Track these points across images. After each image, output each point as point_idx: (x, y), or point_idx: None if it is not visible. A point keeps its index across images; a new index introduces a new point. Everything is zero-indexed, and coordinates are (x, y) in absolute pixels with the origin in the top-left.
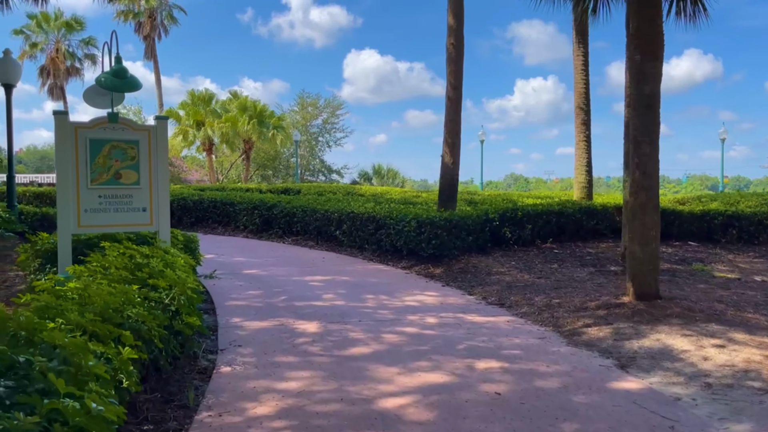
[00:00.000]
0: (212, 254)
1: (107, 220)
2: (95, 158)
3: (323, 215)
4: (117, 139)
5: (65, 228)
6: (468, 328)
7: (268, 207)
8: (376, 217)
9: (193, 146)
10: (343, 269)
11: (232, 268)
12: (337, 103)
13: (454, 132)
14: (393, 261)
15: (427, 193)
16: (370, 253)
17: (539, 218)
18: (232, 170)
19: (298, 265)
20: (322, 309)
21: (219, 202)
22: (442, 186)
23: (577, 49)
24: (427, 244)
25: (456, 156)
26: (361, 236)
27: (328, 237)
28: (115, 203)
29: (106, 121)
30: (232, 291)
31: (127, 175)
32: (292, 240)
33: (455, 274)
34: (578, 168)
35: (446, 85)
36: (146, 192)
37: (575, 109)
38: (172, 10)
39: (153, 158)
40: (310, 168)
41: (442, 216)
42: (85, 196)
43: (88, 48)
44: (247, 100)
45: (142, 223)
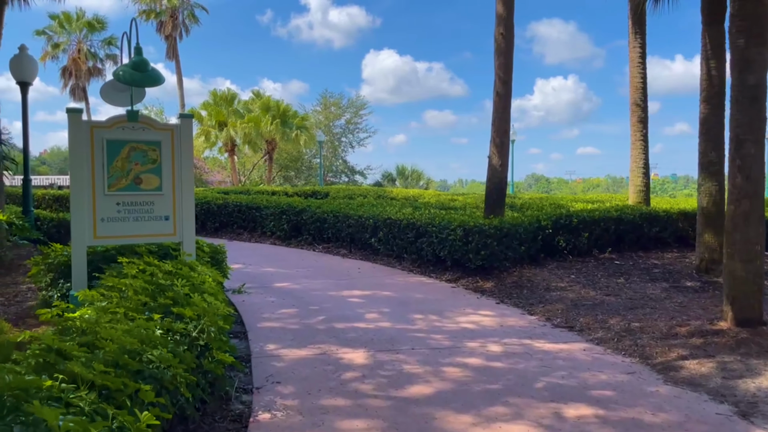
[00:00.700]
0: (239, 264)
1: (126, 231)
2: (113, 161)
3: (357, 221)
4: (137, 140)
5: (80, 240)
6: (540, 359)
7: (296, 212)
8: (416, 224)
9: (215, 147)
10: (383, 282)
11: (261, 281)
12: (360, 103)
13: (502, 131)
14: (436, 272)
15: (463, 197)
16: (410, 263)
17: (596, 225)
18: (254, 171)
19: (333, 276)
20: (367, 332)
21: (244, 206)
22: (489, 190)
23: (634, 40)
24: (476, 254)
25: (505, 157)
26: (399, 244)
27: (363, 245)
28: (135, 211)
29: (125, 120)
30: (263, 309)
31: (147, 180)
32: (323, 248)
33: (508, 288)
34: (634, 170)
35: (494, 79)
36: (169, 199)
37: (631, 106)
38: (194, 10)
39: (176, 161)
40: (333, 169)
41: (491, 224)
42: (101, 203)
43: (109, 48)
44: (270, 100)
45: (165, 233)
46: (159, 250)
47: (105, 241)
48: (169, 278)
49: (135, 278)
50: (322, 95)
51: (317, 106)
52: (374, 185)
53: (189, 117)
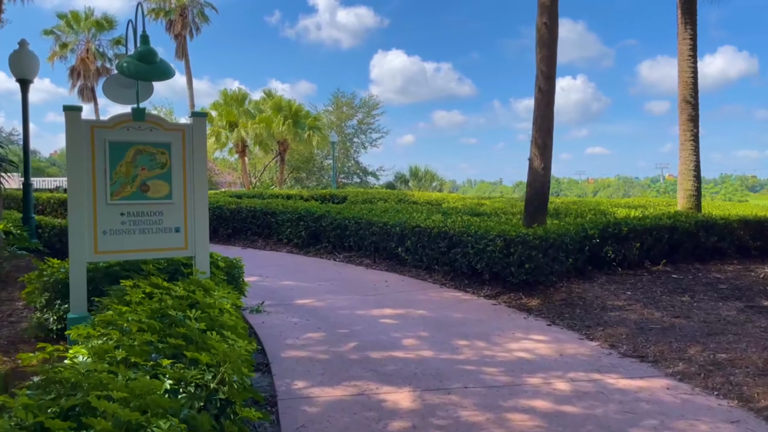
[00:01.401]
0: (255, 276)
1: (131, 245)
2: (116, 166)
3: (382, 229)
4: (144, 142)
5: (78, 255)
6: (619, 402)
7: (315, 218)
8: (448, 233)
9: (226, 148)
10: (415, 298)
11: (281, 297)
12: (372, 102)
13: (545, 130)
14: (472, 287)
15: (490, 201)
16: (441, 275)
17: (647, 234)
18: (265, 173)
19: (359, 291)
20: (408, 364)
21: (259, 211)
22: (529, 196)
23: (683, 31)
24: (518, 267)
25: (547, 160)
26: (430, 255)
27: (388, 254)
28: (142, 222)
29: (130, 119)
30: (286, 332)
31: (156, 187)
32: (344, 257)
33: (558, 307)
34: (684, 172)
35: (536, 74)
36: (180, 208)
37: (680, 103)
38: (204, 8)
39: (188, 165)
40: (345, 170)
41: (535, 233)
42: (103, 214)
43: (118, 47)
44: (281, 100)
45: (175, 246)
46: (169, 266)
47: (107, 256)
48: (180, 305)
49: (140, 305)
50: (334, 95)
51: (329, 106)
52: (387, 186)
53: (202, 116)
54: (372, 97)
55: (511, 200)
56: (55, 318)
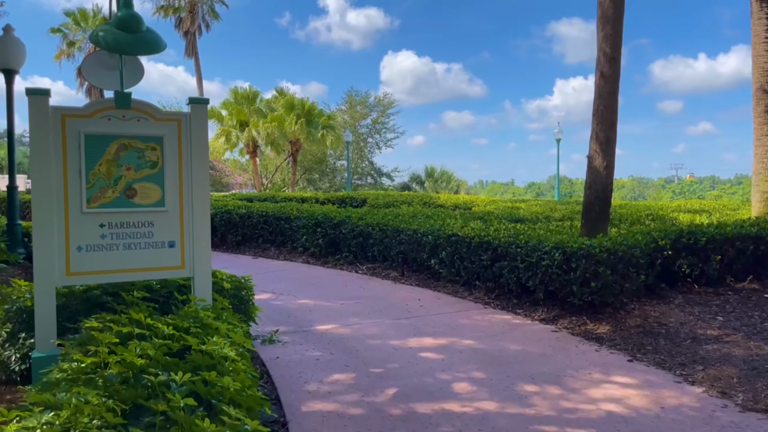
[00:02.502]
0: (268, 293)
1: (114, 263)
2: (95, 165)
3: (411, 237)
4: (129, 135)
5: (45, 279)
6: None
7: (334, 224)
8: (492, 244)
9: (236, 149)
10: (457, 323)
11: (298, 321)
12: (387, 101)
13: (608, 123)
14: (523, 308)
15: (526, 204)
16: (483, 292)
17: (729, 245)
18: (277, 174)
19: (389, 312)
20: (468, 424)
21: (271, 216)
22: (589, 200)
23: (759, 10)
24: (582, 286)
25: (611, 157)
26: (470, 269)
27: (419, 266)
28: (127, 236)
29: (113, 106)
30: (306, 373)
31: (144, 192)
32: (367, 268)
33: (635, 336)
34: (760, 172)
35: (597, 56)
36: (175, 217)
37: (755, 93)
38: (214, 4)
39: (185, 164)
40: (359, 171)
41: (601, 245)
42: (78, 225)
43: None
44: (294, 98)
45: (169, 265)
46: (162, 288)
47: (83, 279)
48: (168, 349)
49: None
50: (348, 93)
51: (342, 105)
52: (402, 188)
53: (202, 103)
54: (386, 95)
55: (549, 204)
56: (18, 356)
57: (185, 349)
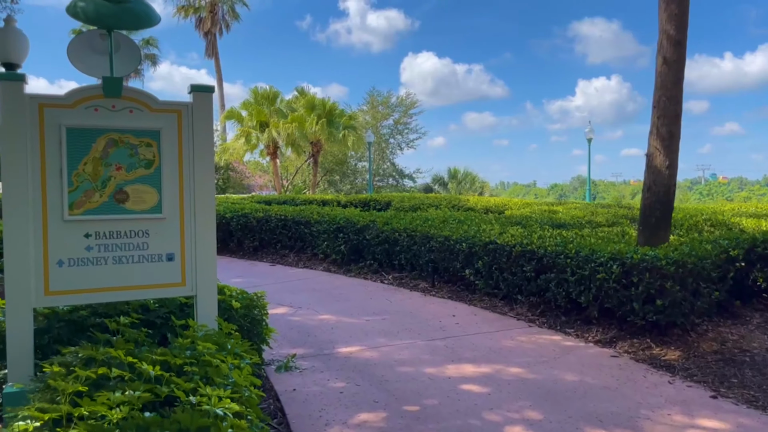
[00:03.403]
0: (285, 306)
1: (102, 280)
2: (78, 164)
3: (442, 244)
4: (120, 128)
5: (18, 299)
6: None
7: (357, 229)
8: (536, 253)
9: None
10: (500, 344)
11: (319, 342)
12: (410, 101)
13: (671, 116)
14: (573, 326)
15: (563, 207)
16: (527, 308)
17: None
18: (297, 175)
19: (421, 331)
20: None
21: (290, 220)
22: (648, 204)
23: None
24: (645, 304)
25: (674, 155)
26: (510, 280)
27: (451, 276)
28: (117, 248)
29: (100, 94)
30: (328, 411)
31: (138, 195)
32: (393, 278)
33: (712, 364)
34: None
35: (659, 40)
36: (174, 225)
37: None
38: (234, 4)
39: (187, 163)
40: (380, 172)
41: (667, 255)
42: (58, 235)
43: (147, 48)
44: (315, 98)
45: (167, 282)
46: (161, 308)
47: (65, 299)
48: (151, 396)
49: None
50: (370, 93)
51: (363, 105)
52: (424, 190)
53: (206, 90)
54: (409, 95)
55: (588, 207)
56: None
57: (174, 401)
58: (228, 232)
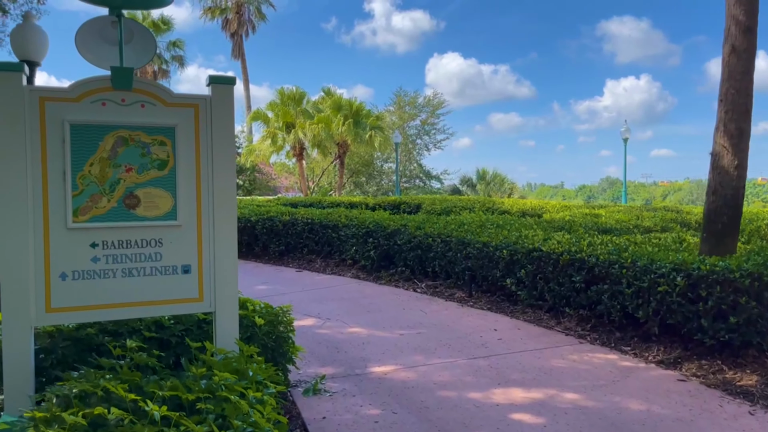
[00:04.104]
0: (312, 317)
1: (110, 295)
2: (84, 164)
3: (480, 251)
4: (130, 125)
5: (16, 317)
6: None
7: (387, 234)
8: (586, 262)
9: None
10: (549, 364)
11: (350, 360)
12: (437, 101)
13: (741, 110)
14: (630, 343)
15: (605, 210)
16: (575, 321)
17: None
18: (323, 177)
19: (461, 347)
20: None
21: (317, 224)
22: (713, 208)
23: None
24: (715, 320)
25: (743, 154)
26: (556, 291)
27: (489, 285)
28: (127, 258)
29: (109, 87)
30: None
31: (150, 200)
32: (427, 286)
33: None
34: None
35: (726, 27)
36: (191, 233)
37: None
38: (261, 5)
39: (205, 163)
40: (407, 173)
41: (740, 267)
42: (61, 245)
43: (174, 50)
44: (341, 99)
45: (183, 298)
46: (176, 325)
47: (69, 316)
48: None
49: None
50: (396, 94)
51: (390, 106)
52: (452, 191)
53: (226, 82)
54: (436, 95)
55: (633, 210)
56: None
57: None
58: (253, 236)
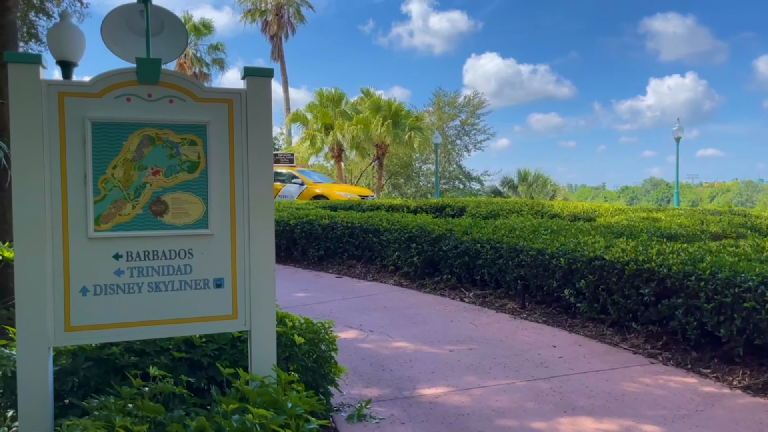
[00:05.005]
0: (354, 329)
1: (135, 312)
2: (107, 166)
3: (534, 259)
4: (157, 122)
5: (32, 337)
6: None
7: (432, 239)
8: (657, 273)
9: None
10: (620, 388)
11: (396, 379)
12: (477, 101)
13: None
14: (710, 365)
15: (665, 214)
16: (643, 338)
17: None
18: (362, 179)
19: (518, 366)
20: None
21: (358, 228)
22: None
23: None
24: None
25: None
26: (622, 304)
27: (544, 296)
28: (154, 271)
29: (134, 81)
30: None
31: (180, 206)
32: (475, 296)
33: None
34: None
35: None
36: (224, 243)
37: None
38: (300, 7)
39: (239, 165)
40: (446, 175)
41: None
42: (82, 256)
43: (215, 53)
44: (380, 100)
45: (215, 315)
46: (209, 343)
47: (90, 335)
48: None
49: None
50: (435, 94)
51: (429, 106)
52: (493, 193)
53: (264, 74)
54: (477, 95)
55: (695, 214)
56: None
57: None
58: (292, 240)
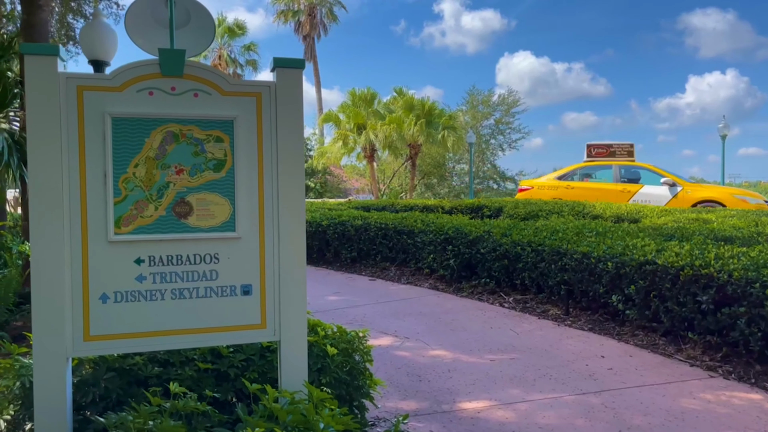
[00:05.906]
0: (388, 335)
1: (158, 321)
2: (128, 165)
3: (579, 263)
4: (182, 118)
5: (49, 347)
6: None
7: (469, 241)
8: (716, 279)
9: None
10: (679, 406)
11: (434, 391)
12: (512, 99)
13: None
14: None
15: (716, 215)
16: (701, 349)
17: None
18: (395, 179)
19: (564, 378)
20: None
21: (391, 229)
22: None
23: None
24: None
25: None
26: (676, 312)
27: (590, 302)
28: (178, 277)
29: (157, 73)
30: None
31: (205, 207)
32: (515, 301)
33: None
34: None
35: None
36: (252, 247)
37: None
38: (332, 7)
39: (268, 163)
40: (480, 174)
41: None
42: (102, 260)
43: (248, 54)
44: (413, 99)
45: (243, 324)
46: (236, 354)
47: (110, 344)
48: None
49: None
50: (469, 93)
51: (462, 105)
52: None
53: (295, 65)
54: (511, 93)
55: (748, 215)
56: None
57: None
58: (324, 242)
